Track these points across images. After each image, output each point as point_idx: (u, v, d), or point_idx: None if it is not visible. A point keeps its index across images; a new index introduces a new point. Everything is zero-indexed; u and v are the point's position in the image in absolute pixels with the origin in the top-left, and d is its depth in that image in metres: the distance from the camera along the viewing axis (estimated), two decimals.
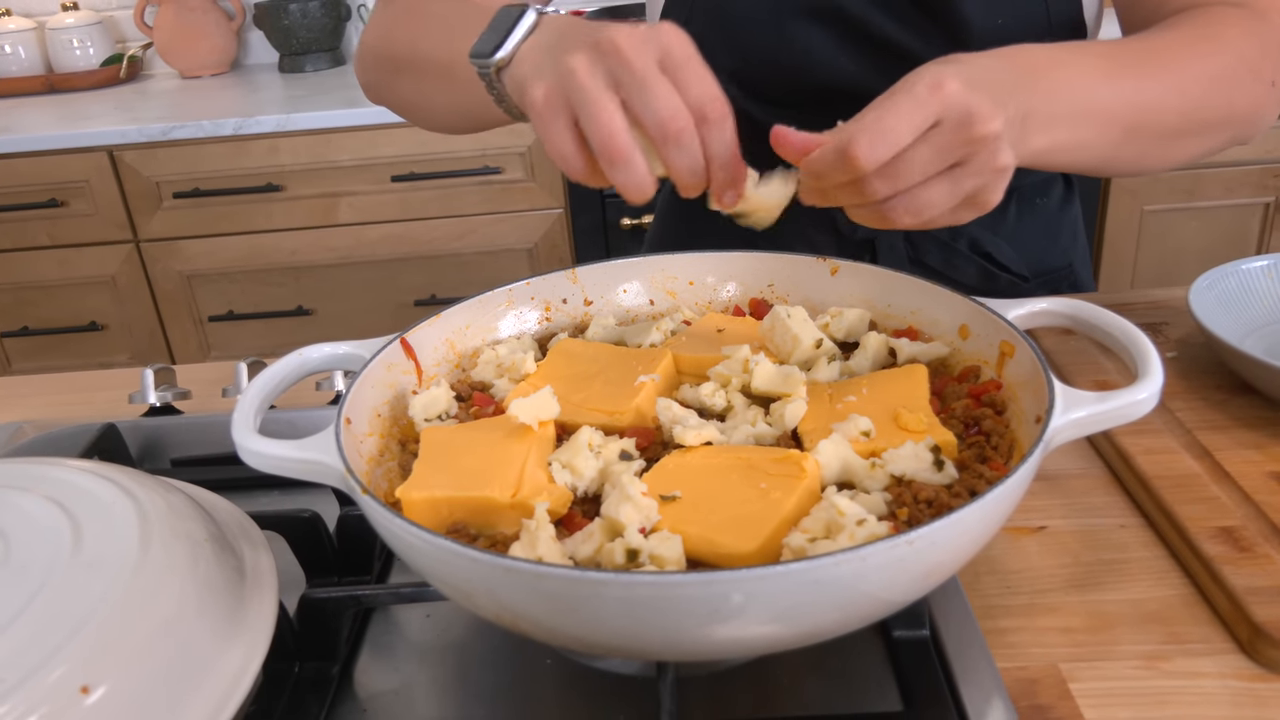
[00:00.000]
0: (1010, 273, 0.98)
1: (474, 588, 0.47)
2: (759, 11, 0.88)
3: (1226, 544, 0.60)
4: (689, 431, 0.58)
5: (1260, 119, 0.76)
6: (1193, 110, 0.71)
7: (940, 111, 0.54)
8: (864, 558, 0.43)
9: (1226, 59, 0.73)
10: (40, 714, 0.44)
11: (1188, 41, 0.73)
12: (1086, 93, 0.65)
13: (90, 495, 0.57)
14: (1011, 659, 0.56)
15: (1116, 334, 0.59)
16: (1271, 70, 0.74)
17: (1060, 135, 0.63)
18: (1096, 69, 0.66)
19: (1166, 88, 0.70)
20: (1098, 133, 0.66)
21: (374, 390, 0.63)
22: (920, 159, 0.55)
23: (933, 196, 0.56)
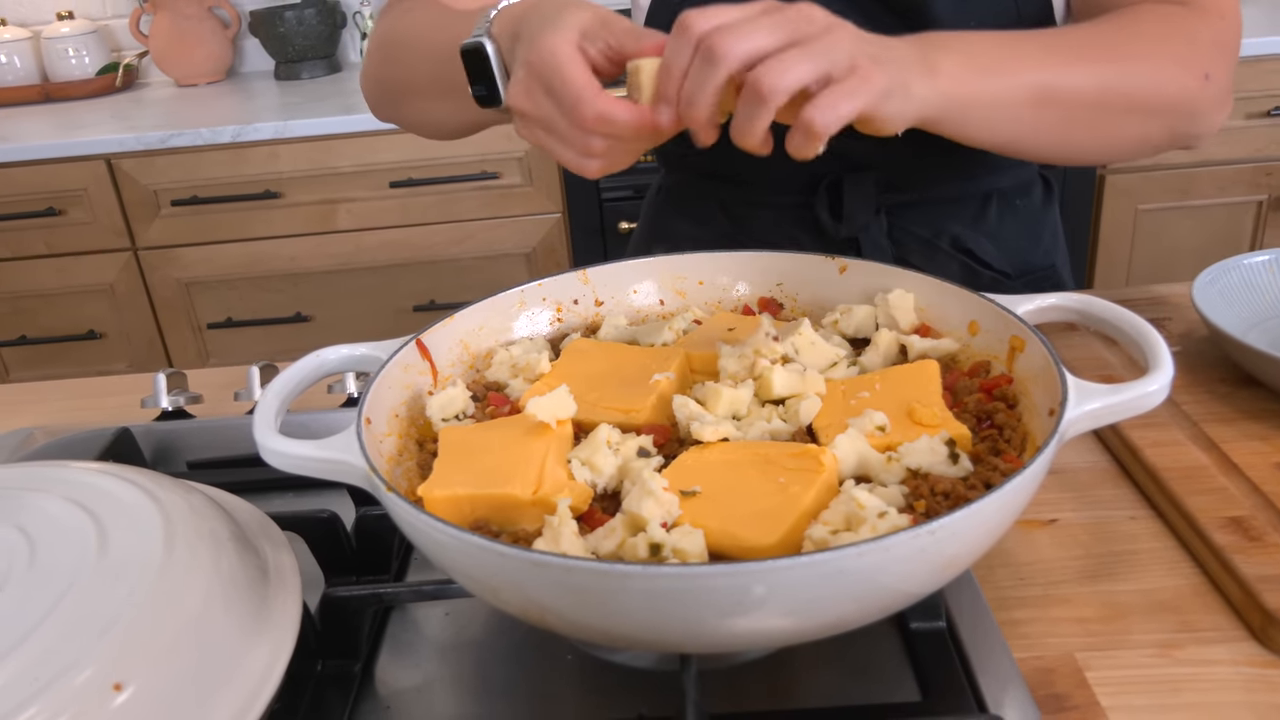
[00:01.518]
0: (993, 270, 0.99)
1: (501, 582, 0.47)
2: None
3: (1236, 533, 0.61)
4: (706, 428, 0.58)
5: (1199, 113, 0.76)
6: (1108, 85, 0.72)
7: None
8: (887, 548, 0.44)
9: (1143, 45, 0.74)
10: (73, 712, 0.44)
11: (1103, 29, 0.75)
12: (987, 50, 0.68)
13: (112, 497, 0.58)
14: (1027, 649, 0.57)
15: (1126, 328, 0.59)
16: (1204, 63, 0.75)
17: (969, 82, 0.66)
18: (1000, 39, 0.70)
19: (1073, 58, 0.72)
20: (1006, 88, 0.68)
21: (391, 391, 0.64)
22: (750, 18, 0.58)
23: (788, 63, 0.56)
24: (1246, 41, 2.04)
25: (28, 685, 0.44)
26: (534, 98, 0.62)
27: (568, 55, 0.61)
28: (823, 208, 0.95)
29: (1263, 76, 2.10)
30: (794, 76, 0.56)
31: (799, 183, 0.96)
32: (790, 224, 0.98)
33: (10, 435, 0.87)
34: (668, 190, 1.09)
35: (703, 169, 1.02)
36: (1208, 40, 0.75)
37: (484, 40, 0.68)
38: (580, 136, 0.61)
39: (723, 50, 0.56)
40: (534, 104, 0.63)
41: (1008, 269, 0.99)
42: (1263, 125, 2.14)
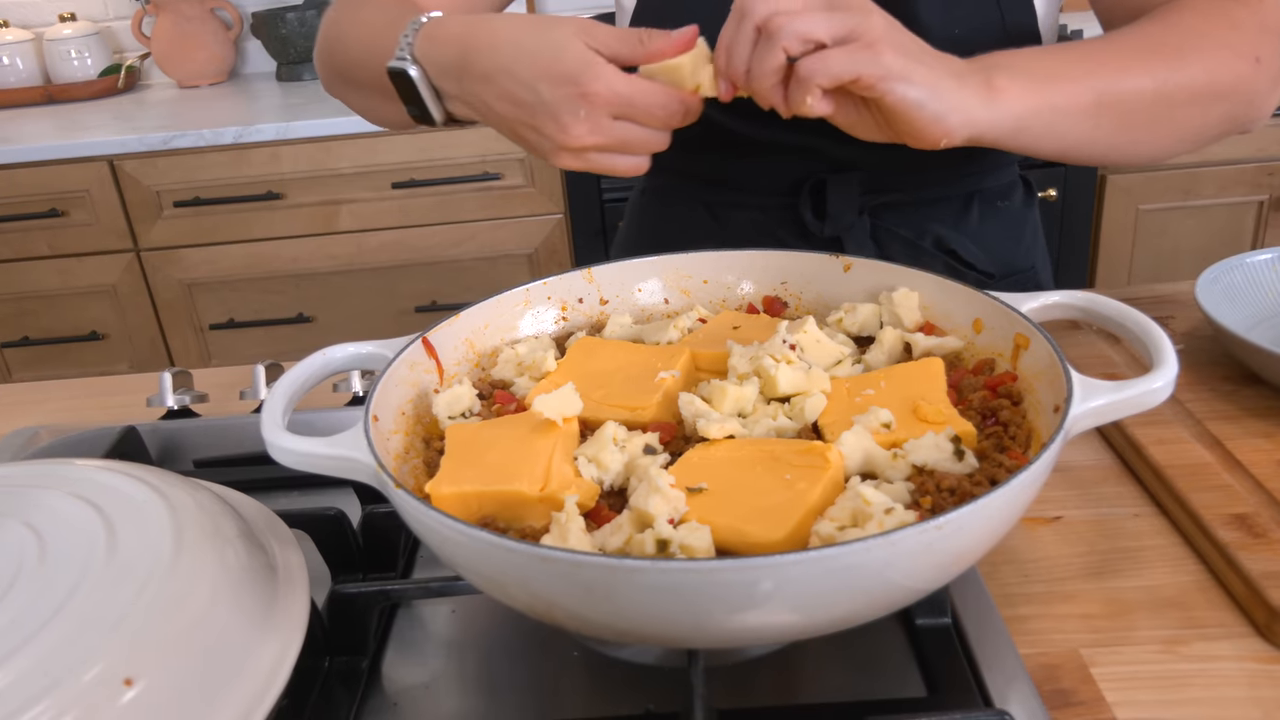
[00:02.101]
0: (977, 270, 0.99)
1: (509, 578, 0.48)
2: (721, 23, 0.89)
3: (1240, 530, 0.61)
4: (712, 425, 0.58)
5: (1255, 98, 0.76)
6: (1163, 81, 0.72)
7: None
8: (894, 543, 0.44)
9: (1191, 38, 0.74)
10: (84, 706, 0.44)
11: (1148, 29, 0.76)
12: (1044, 64, 0.70)
13: (120, 494, 0.58)
14: (1033, 645, 0.57)
15: (1130, 325, 0.60)
16: (1252, 47, 0.75)
17: (1029, 95, 0.68)
18: (1050, 52, 0.72)
19: (1126, 60, 0.73)
20: (1067, 99, 0.70)
21: (398, 389, 0.64)
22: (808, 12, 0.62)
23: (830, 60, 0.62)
24: None
25: (39, 680, 0.45)
26: (604, 131, 0.67)
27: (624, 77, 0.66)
28: (806, 208, 0.96)
29: None
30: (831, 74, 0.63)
31: (783, 183, 0.97)
32: (775, 224, 0.99)
33: (16, 434, 0.87)
34: (652, 192, 1.09)
35: (687, 171, 1.03)
36: (1253, 25, 0.75)
37: (407, 66, 0.71)
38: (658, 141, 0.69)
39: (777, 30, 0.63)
40: (605, 135, 0.68)
41: (991, 269, 0.99)
42: (1266, 125, 2.14)
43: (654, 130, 0.69)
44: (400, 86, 0.73)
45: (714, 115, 0.93)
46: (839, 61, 0.62)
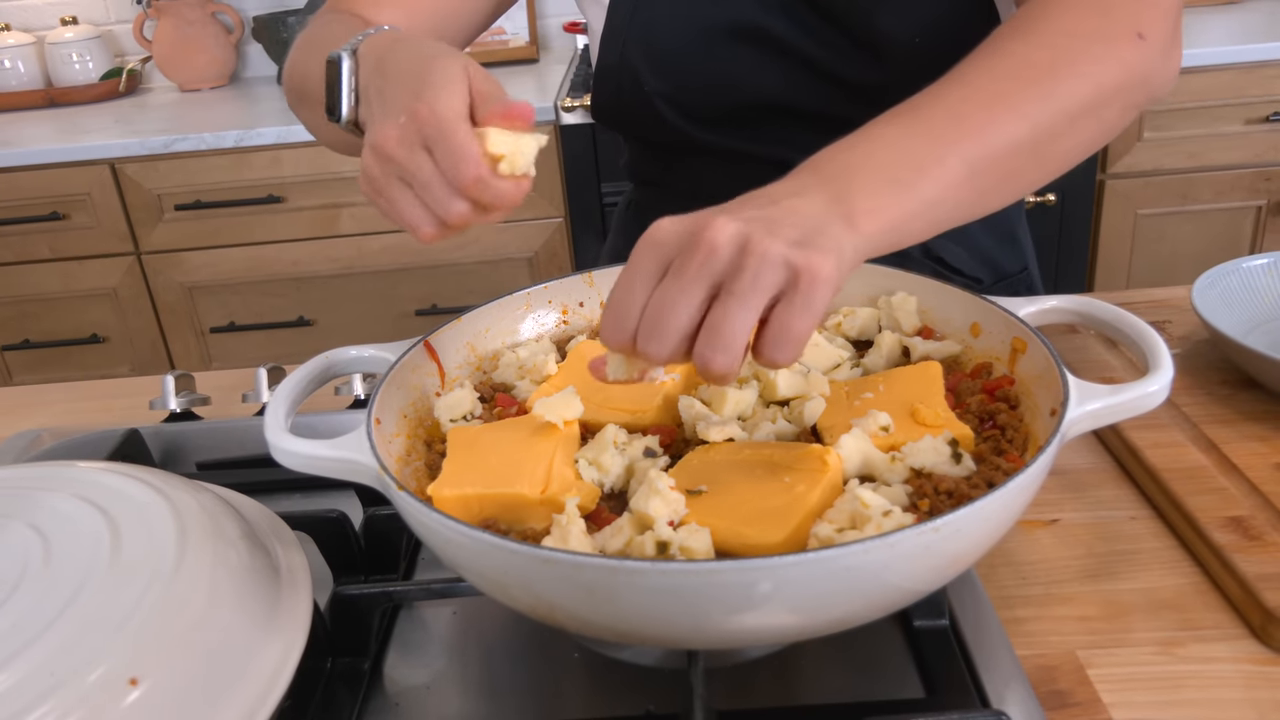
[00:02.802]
0: (964, 276, 0.99)
1: (511, 580, 0.48)
2: (688, 37, 0.90)
3: (1236, 533, 0.61)
4: (712, 428, 0.59)
5: (1149, 78, 0.68)
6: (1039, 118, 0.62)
7: (660, 251, 0.51)
8: (892, 545, 0.44)
9: (1058, 43, 0.65)
10: (90, 706, 0.45)
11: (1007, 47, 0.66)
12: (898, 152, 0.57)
13: (124, 496, 0.58)
14: (1030, 647, 0.57)
15: (1126, 329, 0.60)
16: (1129, 24, 0.67)
17: (890, 208, 0.54)
18: (903, 125, 0.60)
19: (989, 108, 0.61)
20: (938, 187, 0.57)
21: (400, 392, 0.64)
22: (668, 295, 0.49)
23: (730, 322, 0.48)
24: (1245, 48, 2.07)
25: (45, 679, 0.45)
26: (408, 147, 0.58)
27: (458, 114, 0.58)
28: None
29: (1262, 82, 2.11)
30: (740, 333, 0.48)
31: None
32: None
33: (19, 436, 0.87)
34: (638, 205, 1.10)
35: (667, 183, 1.03)
36: (1123, 4, 0.67)
37: (343, 54, 0.67)
38: (446, 197, 0.58)
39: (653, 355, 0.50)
40: (406, 153, 0.58)
41: (981, 274, 0.99)
42: (1262, 130, 2.15)
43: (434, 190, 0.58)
44: (331, 76, 0.68)
45: (690, 129, 0.93)
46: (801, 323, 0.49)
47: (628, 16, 0.91)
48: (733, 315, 0.47)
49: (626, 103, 0.95)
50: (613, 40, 0.92)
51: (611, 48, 0.92)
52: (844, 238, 0.51)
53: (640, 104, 0.93)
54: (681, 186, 0.99)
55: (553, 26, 2.66)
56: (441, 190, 0.58)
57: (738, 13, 0.88)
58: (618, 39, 0.92)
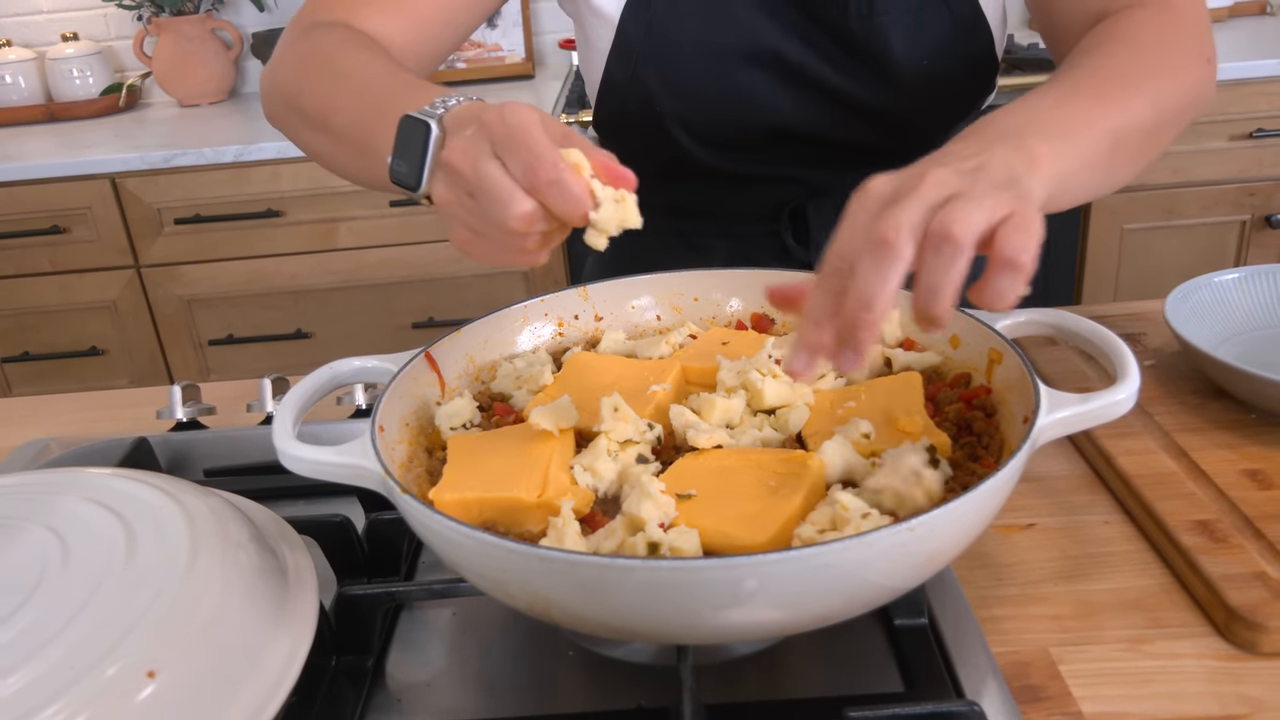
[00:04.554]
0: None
1: (510, 578, 0.51)
2: (702, 60, 0.93)
3: (1203, 536, 0.64)
4: (701, 435, 0.62)
5: (1208, 95, 0.79)
6: (1158, 105, 0.72)
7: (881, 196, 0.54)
8: (870, 544, 0.47)
9: (1154, 52, 0.74)
10: (110, 697, 0.47)
11: (1117, 53, 0.74)
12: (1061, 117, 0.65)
13: (137, 500, 0.61)
14: (1005, 644, 0.60)
15: (1096, 341, 0.63)
16: (1201, 48, 0.77)
17: (1065, 155, 0.61)
18: (1051, 100, 0.67)
19: (1119, 93, 0.70)
20: (1093, 149, 0.65)
21: (402, 401, 0.67)
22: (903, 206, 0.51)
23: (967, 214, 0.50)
24: (1230, 66, 2.11)
25: (67, 672, 0.47)
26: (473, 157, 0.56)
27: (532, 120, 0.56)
28: (787, 233, 0.99)
29: (1245, 99, 2.15)
30: (976, 225, 0.50)
31: (762, 211, 1.00)
32: (754, 250, 1.02)
33: (28, 445, 0.90)
34: None
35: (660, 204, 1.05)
36: (1193, 26, 0.78)
37: (432, 122, 0.61)
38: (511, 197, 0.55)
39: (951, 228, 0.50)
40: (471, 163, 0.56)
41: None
42: (1246, 147, 2.19)
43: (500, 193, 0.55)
44: (407, 137, 0.63)
45: (695, 149, 0.96)
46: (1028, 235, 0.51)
47: (641, 37, 0.92)
48: (968, 208, 0.50)
49: (633, 119, 0.97)
50: (623, 59, 0.94)
51: (622, 66, 0.94)
52: (1034, 180, 0.56)
53: (648, 121, 0.95)
54: (678, 206, 1.02)
55: (548, 43, 2.69)
56: (508, 191, 0.55)
57: (754, 38, 0.91)
58: (629, 58, 0.94)
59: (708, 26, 0.92)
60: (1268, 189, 2.23)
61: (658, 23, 0.92)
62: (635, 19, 0.92)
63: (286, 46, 0.86)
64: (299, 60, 0.83)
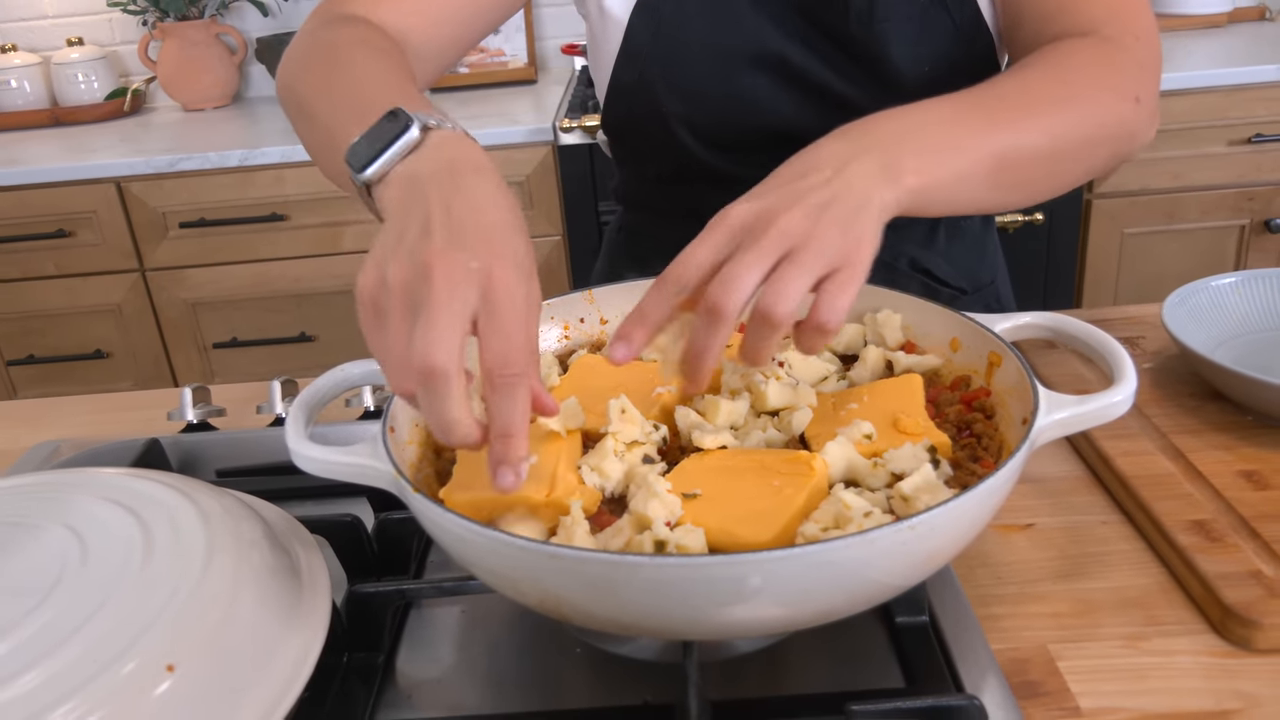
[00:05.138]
0: (950, 286, 1.05)
1: (521, 575, 0.52)
2: (708, 63, 0.94)
3: (1199, 535, 0.65)
4: (706, 436, 0.63)
5: (1136, 135, 0.79)
6: (1057, 134, 0.73)
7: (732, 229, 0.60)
8: (872, 541, 0.48)
9: (1078, 83, 0.76)
10: (131, 690, 0.48)
11: (1037, 76, 0.76)
12: (942, 131, 0.67)
13: (153, 499, 0.62)
14: (1004, 641, 0.61)
15: (1094, 344, 0.64)
16: (1132, 88, 0.77)
17: (933, 170, 0.64)
18: (946, 112, 0.69)
19: (1020, 115, 0.71)
20: (970, 164, 0.67)
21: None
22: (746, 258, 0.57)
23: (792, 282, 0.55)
24: (1228, 71, 2.12)
25: (89, 666, 0.49)
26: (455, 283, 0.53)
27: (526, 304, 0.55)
28: None
29: (1244, 105, 2.16)
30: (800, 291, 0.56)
31: None
32: None
33: (40, 446, 0.91)
34: (629, 229, 1.14)
35: (663, 208, 1.07)
36: (1132, 65, 0.78)
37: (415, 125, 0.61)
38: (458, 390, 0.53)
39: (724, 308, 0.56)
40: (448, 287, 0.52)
41: (963, 285, 1.05)
42: (1244, 152, 2.20)
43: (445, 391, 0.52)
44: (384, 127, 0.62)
45: (700, 151, 0.97)
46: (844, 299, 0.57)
47: (649, 39, 0.94)
48: (795, 277, 0.56)
49: (639, 121, 0.98)
50: (631, 61, 0.96)
51: (630, 68, 0.96)
52: (888, 196, 0.62)
53: (654, 122, 0.97)
54: (679, 210, 1.03)
55: (550, 48, 2.71)
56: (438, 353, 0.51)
57: (759, 42, 0.93)
58: (637, 60, 0.96)
59: (713, 30, 0.93)
60: (1267, 194, 2.25)
61: (665, 25, 0.94)
62: (643, 21, 0.94)
63: (303, 35, 0.87)
64: (306, 50, 0.84)
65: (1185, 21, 2.61)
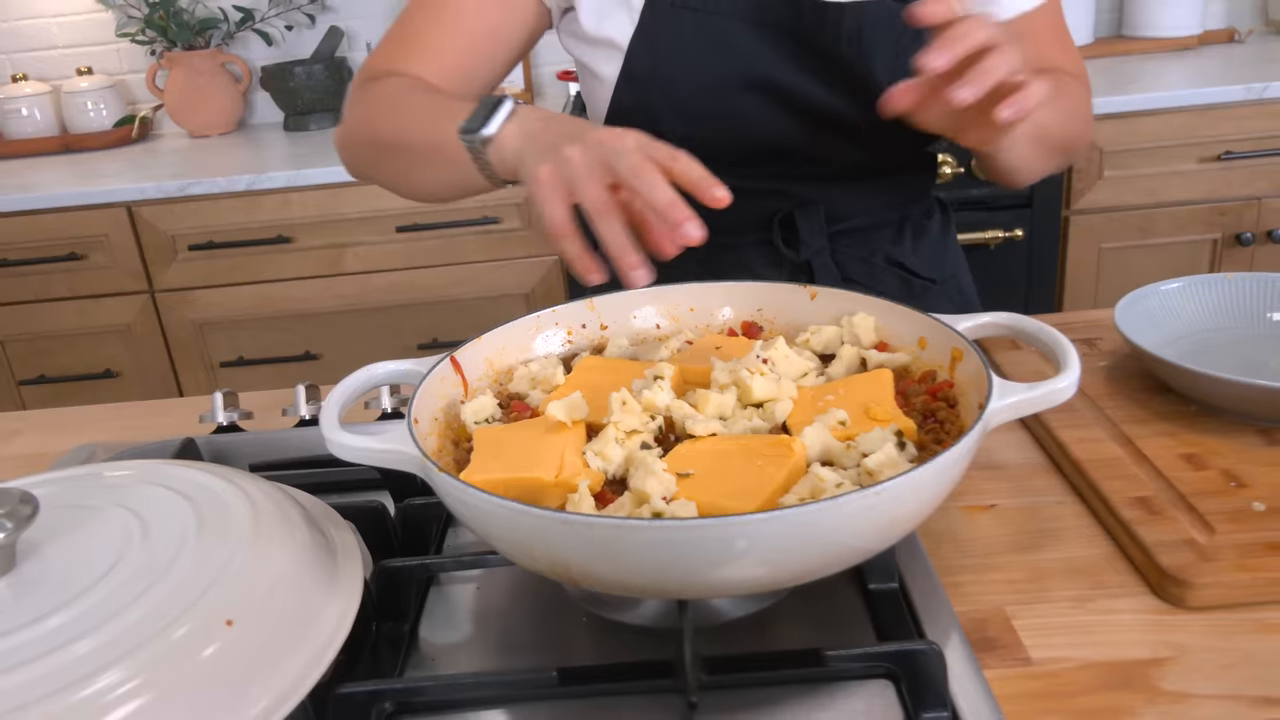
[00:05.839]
0: (921, 277, 1.15)
1: (534, 541, 0.59)
2: (705, 84, 1.03)
3: (1141, 510, 0.73)
4: (698, 424, 0.70)
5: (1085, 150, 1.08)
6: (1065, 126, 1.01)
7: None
8: (840, 505, 0.55)
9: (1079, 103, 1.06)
10: (196, 638, 0.55)
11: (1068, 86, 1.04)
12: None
13: (203, 486, 0.69)
14: (966, 604, 0.68)
15: (1044, 338, 0.72)
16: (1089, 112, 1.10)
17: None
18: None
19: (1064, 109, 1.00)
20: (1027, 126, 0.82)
21: (431, 399, 0.75)
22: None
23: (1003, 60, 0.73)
24: (1199, 92, 2.21)
25: (157, 622, 0.55)
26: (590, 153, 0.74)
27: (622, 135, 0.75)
28: (778, 239, 1.10)
29: (1215, 124, 2.25)
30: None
31: (757, 221, 1.10)
32: (748, 256, 1.12)
33: (78, 450, 0.98)
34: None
35: None
36: (1089, 96, 1.08)
37: (508, 96, 0.84)
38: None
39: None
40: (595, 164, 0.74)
41: (933, 275, 1.16)
42: (1216, 169, 2.29)
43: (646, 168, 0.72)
44: (483, 106, 0.84)
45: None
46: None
47: (649, 65, 1.03)
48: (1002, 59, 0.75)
49: None
50: (632, 84, 1.05)
51: (629, 91, 1.05)
52: None
53: None
54: None
55: (546, 75, 2.80)
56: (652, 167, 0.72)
57: (750, 65, 1.02)
58: (637, 83, 1.04)
59: (708, 54, 1.02)
60: (1237, 208, 2.33)
61: (663, 50, 1.02)
62: (642, 46, 1.03)
63: (353, 105, 1.03)
64: (367, 107, 1.00)
65: (1158, 44, 2.70)
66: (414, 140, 0.94)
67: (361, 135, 1.03)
